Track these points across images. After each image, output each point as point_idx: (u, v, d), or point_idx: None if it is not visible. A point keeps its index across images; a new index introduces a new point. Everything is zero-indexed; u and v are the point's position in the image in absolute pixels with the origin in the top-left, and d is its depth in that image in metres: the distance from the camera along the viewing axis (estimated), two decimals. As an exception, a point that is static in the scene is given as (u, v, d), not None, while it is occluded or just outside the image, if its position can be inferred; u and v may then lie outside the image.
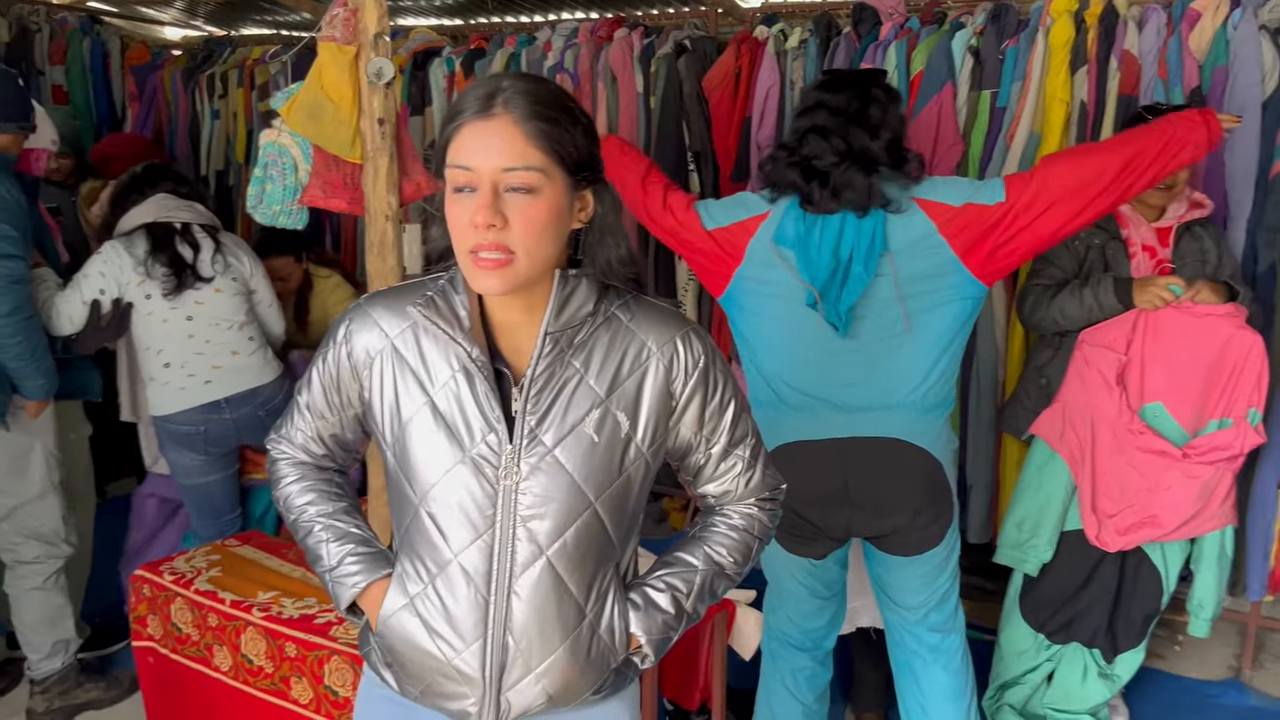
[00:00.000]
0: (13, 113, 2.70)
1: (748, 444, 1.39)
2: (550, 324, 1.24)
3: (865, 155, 2.11)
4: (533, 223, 1.16)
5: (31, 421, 2.69)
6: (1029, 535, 2.69)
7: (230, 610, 2.41)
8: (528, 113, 1.15)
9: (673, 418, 1.31)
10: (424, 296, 1.29)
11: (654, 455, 1.31)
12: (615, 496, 1.28)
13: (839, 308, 2.13)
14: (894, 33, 3.39)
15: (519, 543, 1.25)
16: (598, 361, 1.26)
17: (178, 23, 5.46)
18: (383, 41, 2.38)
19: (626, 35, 3.86)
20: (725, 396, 1.34)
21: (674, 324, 1.31)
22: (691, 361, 1.30)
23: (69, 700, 2.84)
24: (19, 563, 2.74)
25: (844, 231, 2.12)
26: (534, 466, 1.24)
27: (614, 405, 1.26)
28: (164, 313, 2.88)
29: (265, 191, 2.56)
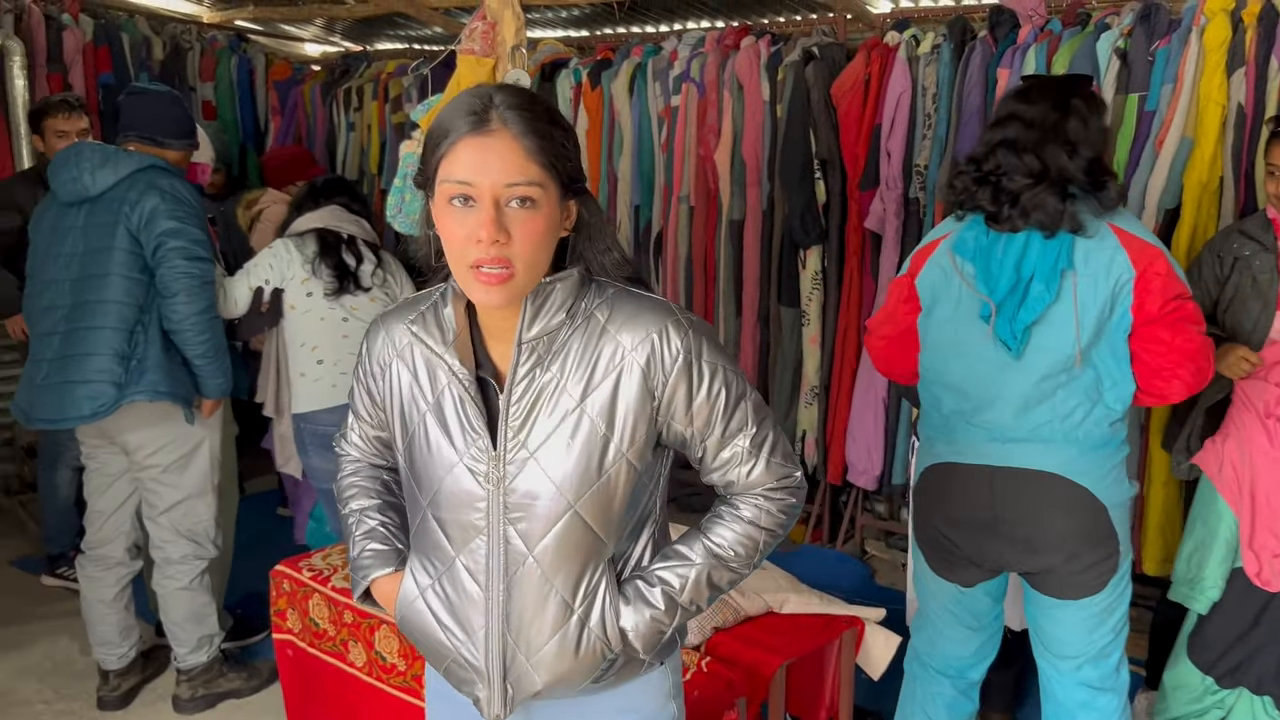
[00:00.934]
0: (182, 130, 2.89)
1: (747, 433, 1.34)
2: (524, 333, 1.26)
3: (1061, 176, 1.99)
4: (532, 236, 1.19)
5: (203, 419, 2.83)
6: (1195, 571, 2.55)
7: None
8: (525, 128, 1.18)
9: (659, 415, 1.30)
10: (417, 312, 1.35)
11: (639, 455, 1.29)
12: (597, 498, 1.28)
13: (1014, 325, 2.03)
14: (1033, 35, 3.28)
15: (509, 544, 1.30)
16: (572, 366, 1.27)
17: (317, 39, 5.69)
18: (520, 53, 2.43)
19: (754, 43, 3.85)
20: (714, 387, 1.30)
21: (651, 318, 1.28)
22: (669, 357, 1.27)
23: (212, 689, 2.96)
24: (167, 562, 2.88)
25: (1028, 249, 2.02)
26: (518, 471, 1.28)
27: (589, 409, 1.26)
28: (322, 311, 3.02)
29: (405, 201, 2.64)
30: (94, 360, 2.64)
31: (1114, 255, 1.98)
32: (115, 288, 2.65)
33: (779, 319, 3.92)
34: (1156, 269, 1.98)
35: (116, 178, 2.66)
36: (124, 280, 2.65)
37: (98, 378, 2.64)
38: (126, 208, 2.65)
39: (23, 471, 4.66)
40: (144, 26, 4.88)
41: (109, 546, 2.92)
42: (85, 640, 3.12)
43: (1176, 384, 2.03)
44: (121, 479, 2.88)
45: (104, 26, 4.63)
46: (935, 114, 3.46)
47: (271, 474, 4.92)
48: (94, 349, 2.64)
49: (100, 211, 2.67)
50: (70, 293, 2.68)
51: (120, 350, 2.64)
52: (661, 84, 4.05)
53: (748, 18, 4.27)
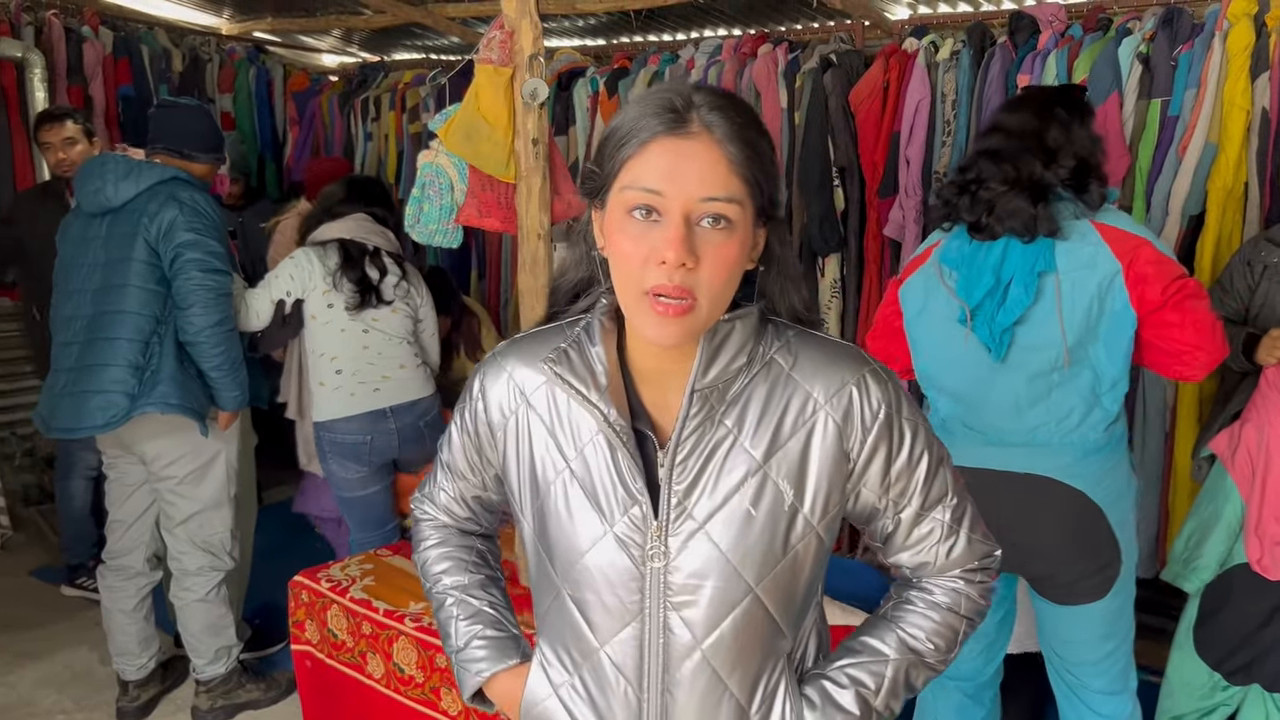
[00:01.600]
0: (209, 144, 2.92)
1: (947, 505, 1.15)
2: (698, 380, 1.05)
3: (1034, 183, 2.02)
4: (724, 263, 0.99)
5: (219, 432, 2.83)
6: (1192, 551, 2.54)
7: (383, 619, 2.47)
8: (730, 134, 0.99)
9: (850, 481, 1.10)
10: (556, 350, 1.11)
11: (827, 528, 1.10)
12: (781, 579, 1.07)
13: (993, 326, 2.05)
14: (1054, 41, 3.25)
15: (670, 634, 1.08)
16: (753, 419, 1.06)
17: (335, 50, 5.71)
18: (537, 62, 2.41)
19: (771, 51, 3.83)
20: (915, 451, 1.11)
21: (847, 366, 1.08)
22: (869, 412, 1.07)
23: (231, 700, 2.96)
24: (184, 573, 2.88)
25: (1008, 254, 2.05)
26: (683, 545, 1.06)
27: (774, 472, 1.06)
28: (343, 323, 3.02)
29: (423, 211, 2.63)
30: (109, 371, 2.65)
31: (1096, 251, 1.99)
32: (132, 299, 2.66)
33: (797, 328, 3.89)
34: (1145, 256, 1.98)
35: (138, 189, 2.67)
36: (141, 291, 2.66)
37: (112, 388, 2.65)
38: (145, 219, 2.66)
39: (43, 481, 4.69)
40: (163, 39, 4.91)
41: (129, 557, 2.93)
42: (105, 650, 3.13)
43: (1197, 364, 2.03)
44: (141, 489, 2.89)
45: (124, 39, 4.67)
46: (955, 120, 3.43)
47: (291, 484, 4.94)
48: (110, 359, 2.65)
49: (121, 222, 2.69)
50: (91, 303, 2.69)
51: (135, 361, 2.65)
52: (679, 92, 4.03)
53: (765, 25, 4.25)
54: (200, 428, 2.75)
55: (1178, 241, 3.02)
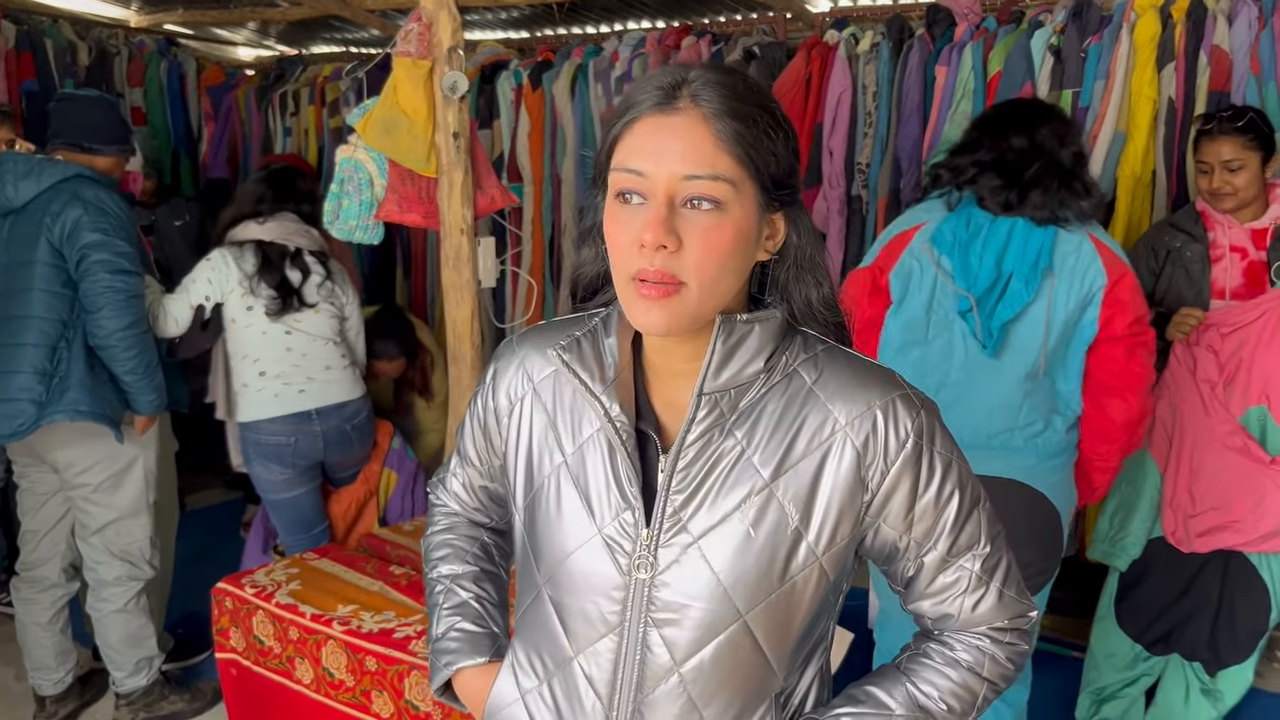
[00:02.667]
0: (115, 136, 2.78)
1: (978, 553, 1.03)
2: (708, 382, 0.98)
3: (1054, 158, 2.01)
4: (713, 247, 0.92)
5: (135, 437, 2.74)
6: (1117, 529, 2.62)
7: (311, 624, 2.43)
8: (720, 109, 0.92)
9: (868, 514, 1.00)
10: (569, 337, 1.05)
11: (834, 561, 1.00)
12: (775, 611, 0.99)
13: (991, 322, 2.03)
14: (969, 33, 3.32)
15: (649, 651, 1.00)
16: (765, 432, 0.98)
17: (250, 43, 5.57)
18: (456, 55, 2.39)
19: (694, 43, 3.84)
20: (945, 488, 1.01)
21: (876, 388, 0.99)
22: (895, 440, 0.98)
23: (154, 712, 2.88)
24: (101, 584, 2.79)
25: (1011, 241, 2.01)
26: (673, 559, 0.99)
27: (780, 492, 0.98)
28: (263, 325, 2.96)
29: (342, 207, 2.59)
30: (15, 378, 2.55)
31: (1091, 261, 2.00)
32: (38, 303, 2.56)
33: (725, 318, 3.91)
34: (1128, 283, 2.01)
35: (39, 188, 2.56)
36: (46, 295, 2.56)
37: (18, 396, 2.55)
38: (48, 219, 2.55)
39: (-50, 493, 4.51)
40: (68, 31, 4.73)
41: (44, 568, 2.83)
42: (20, 665, 3.02)
43: (1120, 405, 2.04)
44: (54, 498, 2.79)
45: (27, 32, 4.49)
46: (876, 112, 3.48)
47: (215, 489, 4.83)
48: (15, 366, 2.55)
49: (23, 223, 2.58)
50: None
51: (42, 368, 2.55)
52: (603, 85, 4.03)
53: (688, 18, 4.26)
54: (115, 434, 2.66)
55: (1090, 228, 3.11)
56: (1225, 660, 2.57)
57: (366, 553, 2.88)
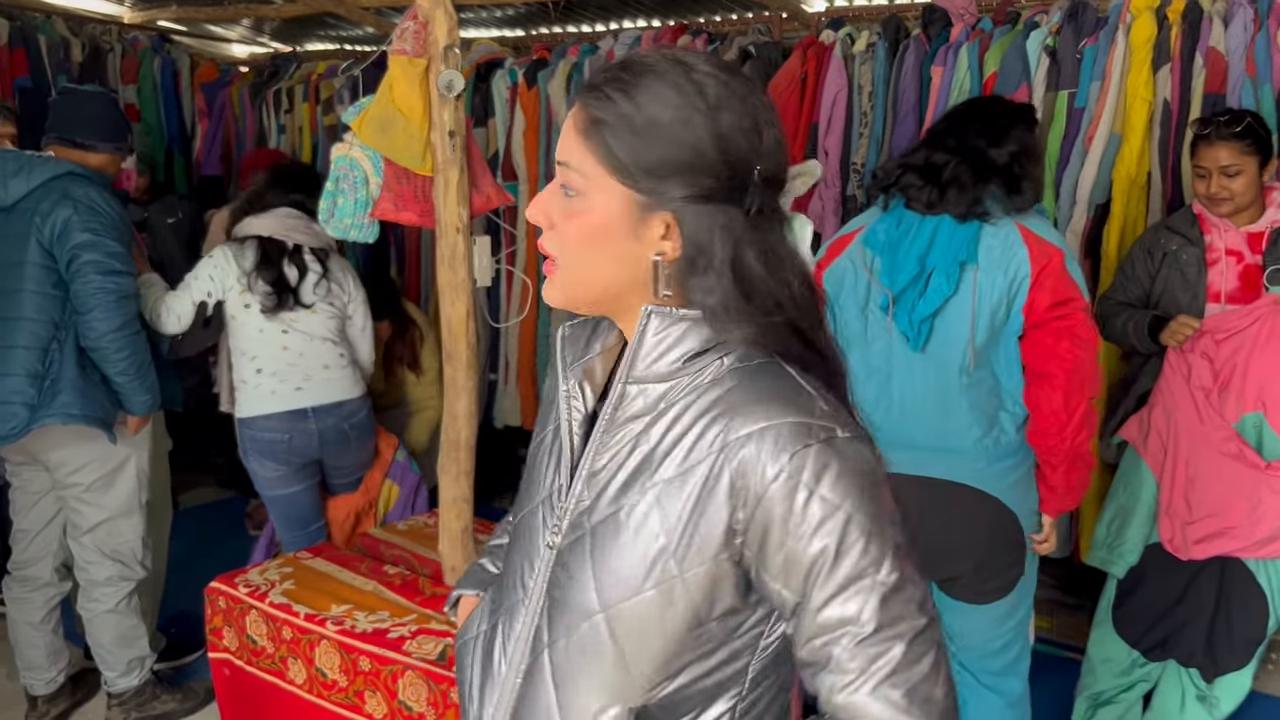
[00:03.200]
0: (108, 132, 2.75)
1: (858, 626, 0.88)
2: (630, 368, 0.98)
3: (977, 156, 2.03)
4: (576, 231, 0.96)
5: (128, 437, 2.73)
6: (1115, 536, 2.62)
7: (304, 624, 2.42)
8: (594, 98, 0.94)
9: (744, 551, 0.92)
10: (584, 319, 1.11)
11: (700, 586, 0.92)
12: (634, 615, 0.94)
13: (913, 316, 2.05)
14: (965, 34, 3.32)
15: (539, 622, 1.02)
16: (670, 435, 0.95)
17: (245, 40, 5.56)
18: (453, 54, 2.37)
19: (690, 42, 3.84)
20: (820, 537, 0.88)
21: (772, 410, 0.90)
22: (768, 472, 0.88)
23: (146, 712, 2.87)
24: (92, 584, 2.78)
25: (936, 238, 2.04)
26: (574, 539, 0.99)
27: (662, 496, 0.94)
28: (260, 323, 2.94)
29: (337, 205, 2.57)
30: (7, 381, 2.53)
31: (1015, 251, 2.01)
32: (28, 304, 2.54)
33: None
34: (1052, 268, 2.00)
35: (29, 187, 2.54)
36: (37, 296, 2.54)
37: (11, 399, 2.53)
38: (38, 219, 2.53)
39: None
40: (62, 28, 4.71)
41: (36, 567, 2.82)
42: (11, 665, 3.01)
43: (1047, 393, 2.02)
44: (46, 497, 2.78)
45: (20, 28, 4.47)
46: (871, 112, 3.48)
47: (208, 487, 4.82)
48: (7, 369, 2.53)
49: (13, 223, 2.56)
50: None
51: (33, 370, 2.53)
52: (598, 84, 4.02)
53: (684, 17, 4.26)
54: (107, 436, 2.64)
55: (1085, 230, 3.11)
56: (1222, 667, 2.57)
57: (361, 552, 2.87)
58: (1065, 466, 2.07)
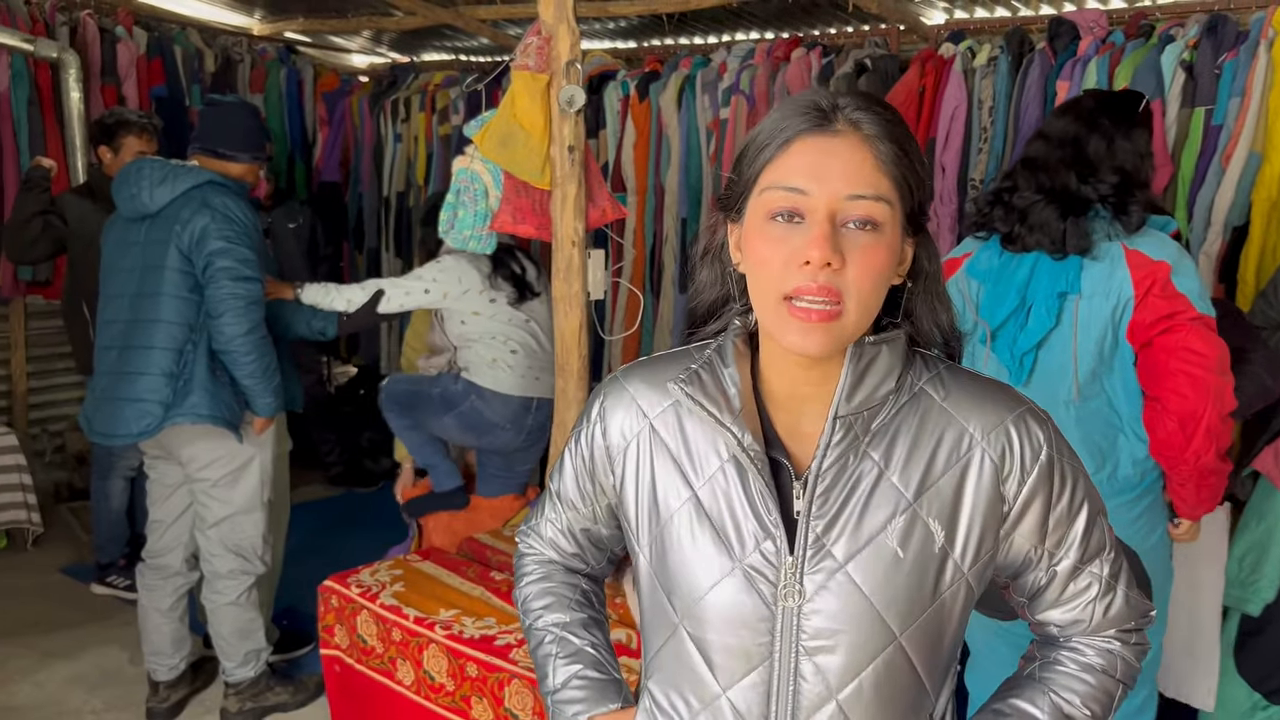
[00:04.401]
0: (248, 144, 2.87)
1: (1105, 558, 1.06)
2: (842, 405, 0.98)
3: (1067, 195, 1.97)
4: (872, 266, 0.93)
5: (254, 437, 2.83)
6: (1249, 572, 2.49)
7: (414, 626, 2.47)
8: (879, 132, 0.94)
9: (1004, 527, 1.01)
10: (687, 371, 1.05)
11: (978, 576, 1.01)
12: (927, 629, 0.99)
13: (1014, 349, 1.99)
14: (1094, 48, 3.21)
15: (803, 681, 0.98)
16: (902, 452, 0.99)
17: (364, 50, 5.72)
18: (574, 69, 2.40)
19: (804, 55, 3.81)
20: (1076, 498, 1.03)
21: (1004, 403, 1.01)
22: (1030, 452, 1.00)
23: (259, 702, 2.96)
24: (215, 575, 2.88)
25: (1036, 270, 1.99)
26: (821, 585, 0.97)
27: (925, 510, 0.98)
28: (509, 314, 3.18)
29: (457, 217, 2.63)
30: (144, 380, 2.66)
31: (1117, 275, 1.94)
32: (167, 307, 2.66)
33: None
34: (1155, 286, 1.92)
35: (172, 195, 2.67)
36: (175, 300, 2.66)
37: (147, 397, 2.65)
38: (178, 226, 2.65)
39: (73, 479, 4.72)
40: (196, 39, 4.93)
41: (168, 556, 2.94)
42: (135, 650, 3.14)
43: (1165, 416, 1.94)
44: (179, 490, 2.90)
45: (157, 39, 4.68)
46: (992, 127, 3.39)
47: (318, 484, 4.97)
48: (145, 368, 2.66)
49: (157, 229, 2.69)
50: (129, 309, 2.70)
51: (168, 370, 2.65)
52: (710, 96, 4.02)
53: (798, 29, 4.22)
54: (234, 435, 2.75)
55: (1221, 253, 2.98)
56: (1354, 713, 2.43)
57: (468, 557, 2.92)
58: (1193, 483, 2.00)
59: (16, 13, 4.17)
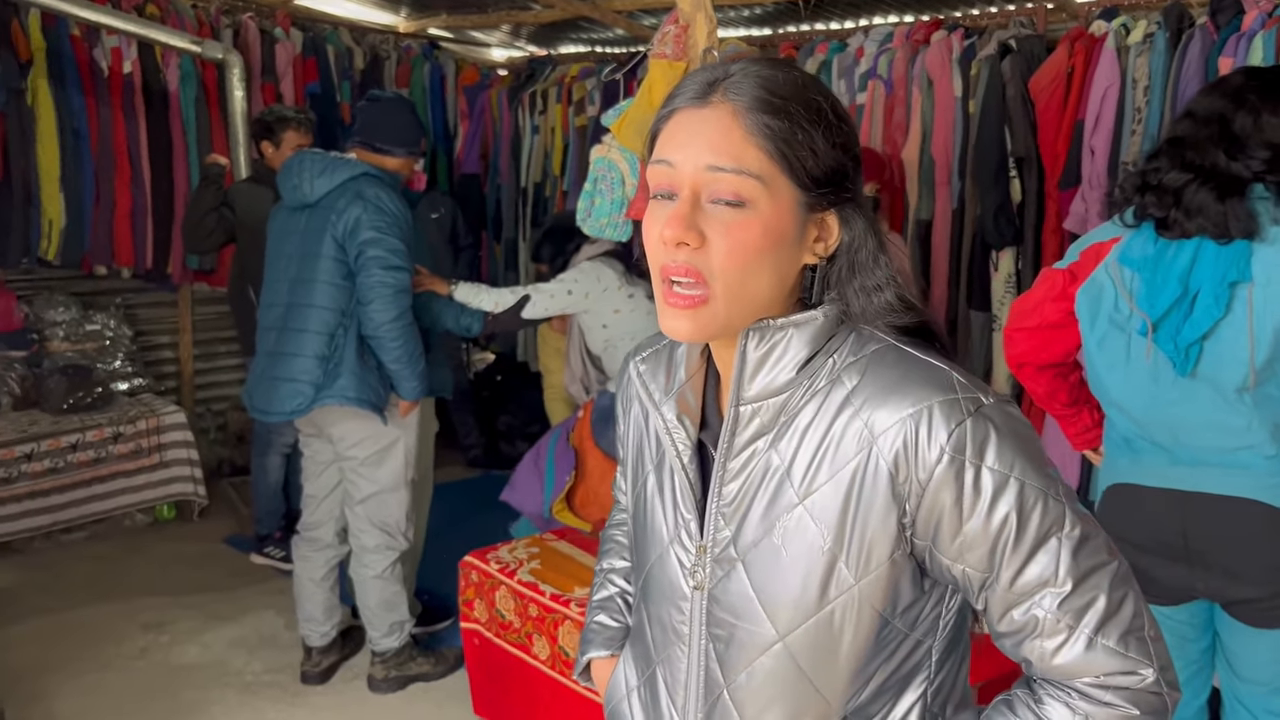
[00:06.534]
0: (404, 138, 3.00)
1: (1055, 590, 0.87)
2: (740, 390, 0.94)
3: (1218, 174, 1.86)
4: (738, 244, 0.88)
5: (399, 419, 2.96)
6: None
7: (549, 602, 2.54)
8: (752, 102, 0.88)
9: (914, 538, 0.90)
10: (653, 348, 1.09)
11: (877, 589, 0.90)
12: (816, 637, 0.92)
13: (1179, 340, 1.89)
14: (1260, 21, 3.02)
15: (708, 664, 0.99)
16: (806, 446, 0.92)
17: (503, 44, 5.86)
18: (711, 56, 2.41)
19: (945, 37, 3.71)
20: (998, 507, 0.87)
21: (915, 392, 0.88)
22: (930, 452, 0.86)
23: (403, 671, 3.10)
24: (363, 550, 3.03)
25: (1198, 259, 1.88)
26: (722, 574, 0.96)
27: (812, 509, 0.91)
28: (647, 307, 3.25)
29: (594, 205, 2.68)
30: (298, 361, 2.81)
31: None
32: (321, 293, 2.81)
33: (968, 323, 3.77)
34: None
35: (330, 186, 2.81)
36: (328, 286, 2.81)
37: (300, 377, 2.81)
38: (334, 216, 2.79)
39: (233, 456, 5.02)
40: (346, 38, 5.15)
41: (321, 529, 3.11)
42: (290, 617, 3.33)
43: None
44: (331, 467, 3.06)
45: (311, 39, 4.92)
46: (1147, 108, 3.24)
47: (457, 465, 5.15)
48: (299, 350, 2.81)
49: (316, 218, 2.83)
50: (288, 293, 2.86)
51: (321, 353, 2.80)
52: (847, 81, 3.97)
53: (939, 11, 4.12)
54: (379, 418, 2.88)
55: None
56: None
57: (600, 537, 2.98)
58: None
59: (185, 16, 4.45)
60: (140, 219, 4.40)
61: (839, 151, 0.92)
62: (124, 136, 4.32)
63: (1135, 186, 1.98)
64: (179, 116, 4.45)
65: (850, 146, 0.94)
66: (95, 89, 4.23)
